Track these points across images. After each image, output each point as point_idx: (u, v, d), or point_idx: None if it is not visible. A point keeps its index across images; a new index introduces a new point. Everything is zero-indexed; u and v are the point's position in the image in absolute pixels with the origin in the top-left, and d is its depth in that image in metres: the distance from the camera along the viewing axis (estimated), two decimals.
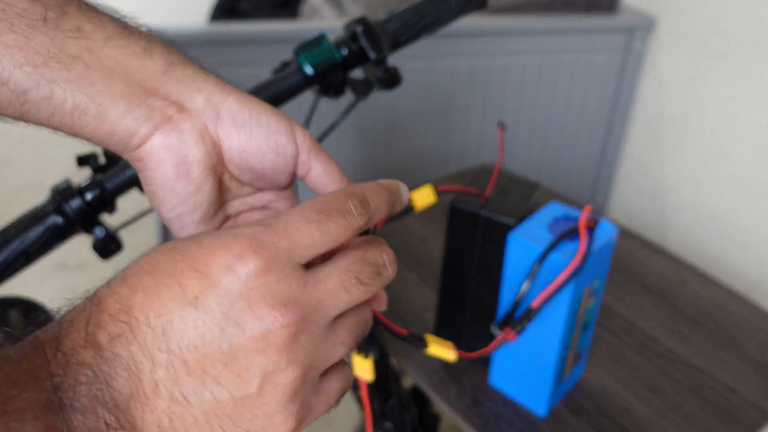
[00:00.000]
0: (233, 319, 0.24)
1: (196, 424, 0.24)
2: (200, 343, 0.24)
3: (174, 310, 0.24)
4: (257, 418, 0.25)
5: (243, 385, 0.24)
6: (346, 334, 0.27)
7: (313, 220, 0.26)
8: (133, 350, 0.24)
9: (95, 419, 0.23)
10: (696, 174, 1.49)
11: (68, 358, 0.23)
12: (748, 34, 1.30)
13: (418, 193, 0.55)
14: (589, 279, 0.63)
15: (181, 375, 0.24)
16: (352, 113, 0.63)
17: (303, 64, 0.55)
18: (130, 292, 0.24)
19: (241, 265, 0.24)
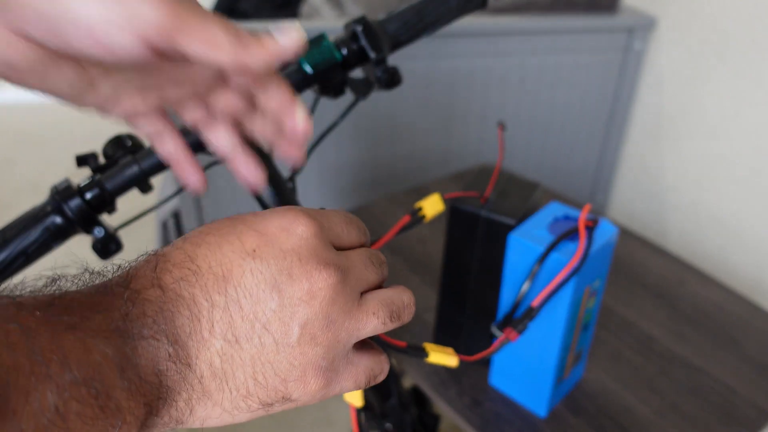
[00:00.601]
0: (285, 271, 0.27)
1: (242, 368, 0.27)
2: (255, 290, 0.27)
3: (234, 260, 0.27)
4: (294, 369, 0.28)
5: (287, 333, 0.27)
6: (377, 305, 0.30)
7: (343, 220, 0.31)
8: (195, 293, 0.27)
9: (158, 348, 0.25)
10: (696, 174, 1.49)
11: (137, 294, 0.26)
12: (748, 34, 1.30)
13: (427, 201, 0.55)
14: (589, 279, 0.63)
15: (235, 318, 0.27)
16: (352, 113, 0.63)
17: (303, 64, 0.55)
18: (194, 246, 0.28)
19: (295, 227, 0.28)
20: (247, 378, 0.27)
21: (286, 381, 0.28)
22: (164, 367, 0.26)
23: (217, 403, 0.27)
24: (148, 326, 0.25)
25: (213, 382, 0.27)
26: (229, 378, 0.27)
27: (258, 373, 0.27)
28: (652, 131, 1.58)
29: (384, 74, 0.56)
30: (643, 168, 1.64)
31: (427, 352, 0.44)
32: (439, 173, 1.49)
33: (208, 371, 0.27)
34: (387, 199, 1.10)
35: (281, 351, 0.27)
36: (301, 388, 0.29)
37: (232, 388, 0.27)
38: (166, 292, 0.26)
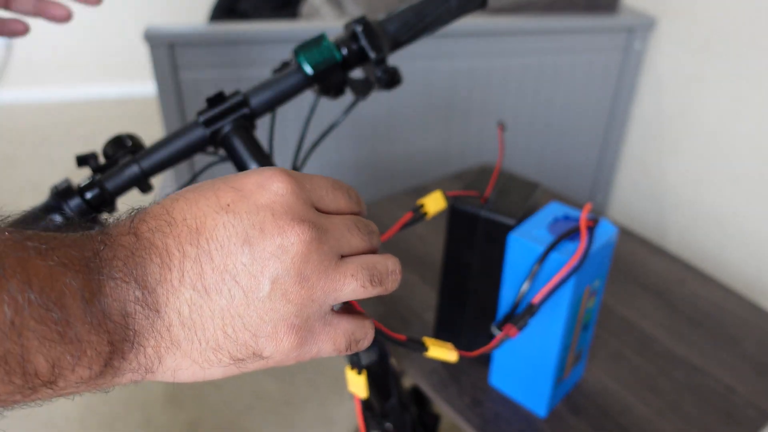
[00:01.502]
0: (258, 225, 0.28)
1: (211, 318, 0.27)
2: (226, 243, 0.27)
3: (208, 213, 0.28)
4: (264, 324, 0.28)
5: (256, 287, 0.28)
6: (357, 268, 0.30)
7: (329, 185, 0.31)
8: (168, 242, 0.27)
9: (126, 291, 0.26)
10: (695, 174, 1.49)
11: (112, 239, 0.27)
12: (748, 34, 1.30)
13: (430, 198, 0.55)
14: (589, 279, 0.63)
15: (206, 269, 0.27)
16: (352, 113, 0.63)
17: (303, 64, 0.55)
18: (172, 201, 0.29)
19: (270, 183, 0.29)
20: (216, 330, 0.28)
21: (257, 336, 0.28)
22: (132, 310, 0.26)
23: (186, 353, 0.28)
24: (118, 268, 0.26)
25: (182, 331, 0.27)
26: (198, 329, 0.27)
27: (227, 326, 0.28)
28: (652, 131, 1.58)
29: (384, 74, 0.56)
30: (643, 168, 1.64)
31: (427, 346, 0.44)
32: (439, 173, 1.49)
33: (177, 320, 0.27)
34: (387, 199, 1.10)
35: (251, 305, 0.28)
36: (273, 345, 0.28)
37: (201, 340, 0.28)
38: (140, 239, 0.27)
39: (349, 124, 1.35)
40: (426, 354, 0.44)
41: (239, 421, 1.47)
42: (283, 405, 1.51)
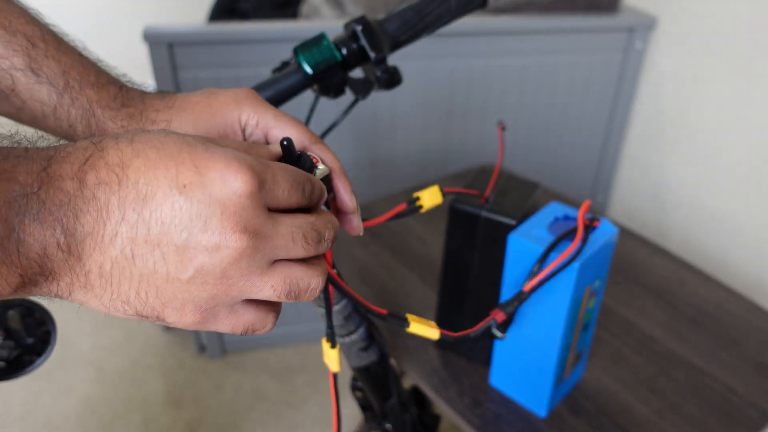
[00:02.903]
0: (203, 218, 0.28)
1: (130, 280, 0.28)
2: (168, 222, 0.28)
3: (161, 186, 0.27)
4: (175, 299, 0.29)
5: (180, 269, 0.28)
6: (280, 281, 0.31)
7: (289, 182, 0.31)
8: (112, 200, 0.27)
9: (50, 235, 0.26)
10: (696, 174, 1.49)
11: (51, 180, 0.26)
12: (748, 34, 1.30)
13: (426, 192, 0.55)
14: (589, 279, 0.62)
15: (139, 238, 0.28)
16: (352, 113, 0.63)
17: (303, 64, 0.55)
18: (133, 154, 0.28)
19: (232, 180, 0.28)
20: (130, 290, 0.29)
21: (165, 306, 0.29)
22: (52, 252, 0.27)
23: (96, 296, 0.29)
24: (47, 211, 0.26)
25: (98, 280, 0.28)
26: (114, 284, 0.28)
27: (141, 290, 0.29)
28: (653, 131, 1.58)
29: (384, 74, 0.56)
30: (643, 167, 1.64)
31: (408, 322, 0.44)
32: (439, 173, 1.49)
33: (96, 271, 0.28)
34: (387, 199, 1.10)
35: (170, 282, 0.29)
36: (176, 317, 0.30)
37: (114, 292, 0.29)
38: (83, 189, 0.27)
39: (349, 123, 1.35)
40: (407, 329, 0.44)
41: (239, 422, 1.47)
42: (283, 405, 1.51)
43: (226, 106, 0.41)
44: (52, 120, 0.43)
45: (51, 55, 0.42)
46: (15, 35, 0.41)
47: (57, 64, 0.42)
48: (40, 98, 0.42)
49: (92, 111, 0.42)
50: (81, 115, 0.42)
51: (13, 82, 0.41)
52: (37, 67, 0.41)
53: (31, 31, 0.42)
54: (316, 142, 0.41)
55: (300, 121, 0.42)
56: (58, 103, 0.42)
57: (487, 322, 0.56)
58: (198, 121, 0.41)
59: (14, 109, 0.43)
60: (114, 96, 0.43)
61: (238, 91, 0.42)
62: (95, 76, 0.43)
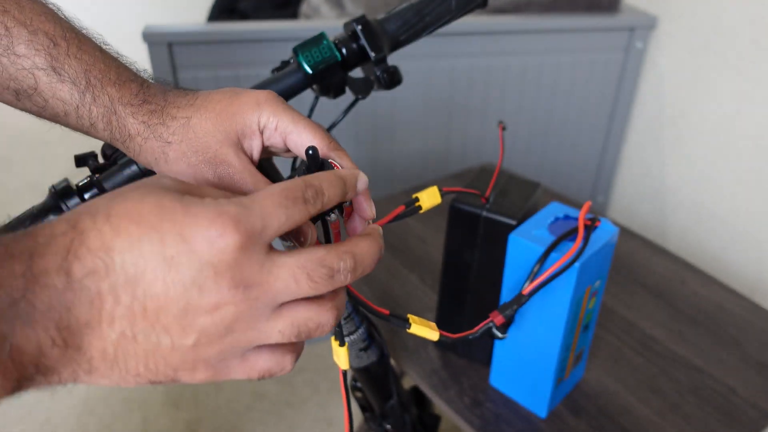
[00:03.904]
0: (197, 283, 0.27)
1: (135, 357, 0.28)
2: (162, 296, 0.27)
3: (149, 263, 0.27)
4: (185, 363, 0.29)
5: (184, 336, 0.28)
6: (287, 325, 0.30)
7: (282, 206, 0.29)
8: (102, 287, 0.26)
9: (43, 335, 0.25)
10: (696, 174, 1.48)
11: (36, 278, 0.25)
12: (748, 34, 1.30)
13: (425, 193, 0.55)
14: (589, 279, 0.62)
15: (137, 317, 0.27)
16: (352, 113, 0.63)
17: (302, 64, 0.54)
18: (113, 233, 0.27)
19: (220, 240, 0.27)
20: (138, 365, 0.28)
21: (176, 371, 0.29)
22: (47, 351, 0.26)
23: (104, 376, 0.28)
24: (37, 312, 0.25)
25: (102, 363, 0.28)
26: (120, 363, 0.28)
27: (150, 363, 0.28)
28: (653, 131, 1.58)
29: (384, 74, 0.56)
30: (643, 167, 1.64)
31: (410, 323, 0.44)
32: (439, 173, 1.49)
33: (99, 356, 0.27)
34: (387, 199, 1.10)
35: (176, 350, 0.28)
36: (189, 377, 0.30)
37: (121, 370, 0.28)
38: (71, 282, 0.26)
39: (349, 124, 1.35)
40: (408, 330, 0.44)
41: (239, 422, 1.47)
42: (282, 406, 1.51)
43: (246, 107, 0.41)
44: (74, 118, 0.43)
45: (72, 53, 0.42)
46: (36, 34, 0.41)
47: (78, 62, 0.42)
48: (62, 97, 0.42)
49: (114, 109, 0.42)
50: (102, 114, 0.42)
51: (36, 81, 0.41)
52: (59, 66, 0.41)
53: (52, 29, 0.42)
54: (335, 148, 0.40)
55: (319, 126, 0.41)
56: (80, 102, 0.42)
57: (486, 324, 0.56)
58: (218, 120, 0.41)
59: (37, 107, 0.43)
60: (136, 93, 0.43)
61: (260, 94, 0.42)
62: (116, 73, 0.43)
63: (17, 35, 0.41)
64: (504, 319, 0.56)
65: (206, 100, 0.42)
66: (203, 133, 0.41)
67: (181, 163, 0.41)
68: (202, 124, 0.41)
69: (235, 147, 0.41)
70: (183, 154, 0.41)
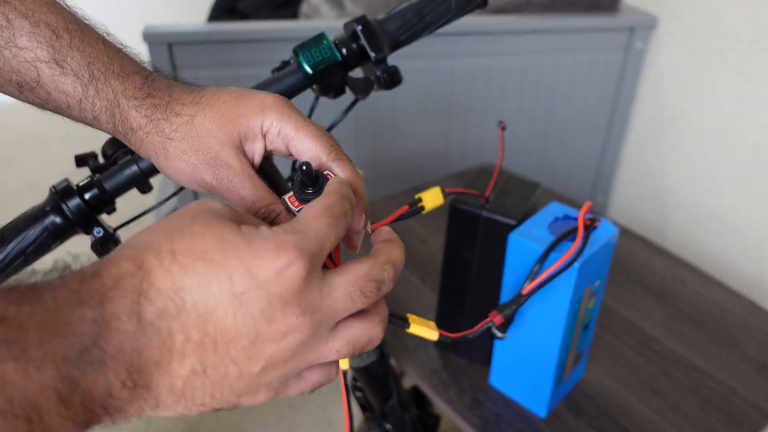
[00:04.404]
0: (266, 315, 0.28)
1: (202, 390, 0.28)
2: (233, 330, 0.27)
3: (219, 300, 0.27)
4: (249, 389, 0.29)
5: (251, 365, 0.28)
6: (343, 344, 0.31)
7: (331, 225, 0.30)
8: (174, 326, 0.27)
9: (114, 379, 0.25)
10: (696, 174, 1.48)
11: (107, 323, 0.25)
12: (748, 34, 1.30)
13: (428, 193, 0.55)
14: (589, 279, 0.62)
15: (207, 352, 0.27)
16: (352, 113, 0.63)
17: (302, 64, 0.54)
18: (182, 273, 0.27)
19: (288, 272, 0.28)
20: (205, 395, 0.28)
21: (240, 396, 0.30)
22: (116, 393, 0.26)
23: (169, 409, 0.28)
24: (109, 357, 0.25)
25: (170, 398, 0.28)
26: (187, 396, 0.28)
27: (216, 393, 0.29)
28: (653, 131, 1.58)
29: (384, 74, 0.56)
30: (643, 167, 1.64)
31: (409, 322, 0.44)
32: (440, 173, 1.49)
33: (167, 391, 0.27)
34: (387, 199, 1.10)
35: (242, 377, 0.29)
36: (251, 401, 0.30)
37: (188, 401, 0.28)
38: (143, 324, 0.26)
39: (349, 124, 1.35)
40: (408, 330, 0.44)
41: (239, 422, 1.47)
42: (282, 406, 1.51)
43: (251, 110, 0.41)
44: (77, 111, 0.42)
45: (75, 46, 0.42)
46: (38, 26, 0.41)
47: (81, 55, 0.42)
48: (65, 90, 0.41)
49: (117, 102, 0.42)
50: (105, 106, 0.42)
51: (38, 74, 0.41)
52: (61, 59, 0.41)
53: (54, 21, 0.41)
54: (335, 158, 0.39)
55: (323, 134, 0.40)
56: (83, 95, 0.41)
57: (485, 324, 0.56)
58: (221, 121, 0.41)
59: (39, 100, 0.42)
60: (140, 86, 0.42)
61: (266, 98, 0.41)
62: (120, 65, 0.42)
63: (19, 27, 0.41)
64: (503, 318, 0.56)
65: (212, 99, 0.42)
66: (206, 134, 0.41)
67: (180, 161, 0.41)
68: (205, 124, 0.41)
69: (237, 150, 0.41)
70: (183, 152, 0.41)
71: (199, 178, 0.41)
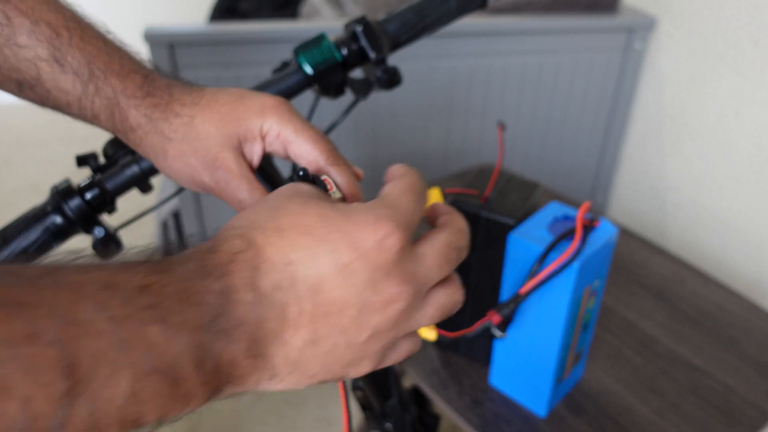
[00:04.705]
0: (371, 285, 0.29)
1: (314, 360, 0.29)
2: (341, 301, 0.29)
3: (327, 273, 0.28)
4: (354, 359, 0.31)
5: (357, 335, 0.30)
6: (435, 310, 0.32)
7: (417, 201, 0.33)
8: (288, 301, 0.28)
9: (237, 349, 0.27)
10: (696, 174, 1.49)
11: (230, 295, 0.27)
12: (748, 34, 1.30)
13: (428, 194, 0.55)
14: (589, 279, 0.62)
15: (318, 323, 0.29)
16: (352, 113, 0.63)
17: (303, 64, 0.55)
18: (290, 248, 0.29)
19: (388, 242, 0.29)
20: (316, 366, 0.30)
21: (346, 368, 0.31)
22: (240, 363, 0.27)
23: (281, 381, 0.30)
24: (234, 327, 0.27)
25: (284, 368, 0.29)
26: (301, 367, 0.29)
27: (326, 363, 0.30)
28: (653, 131, 1.58)
29: (384, 74, 0.56)
30: (643, 168, 1.64)
31: None
32: (439, 173, 1.49)
33: (283, 362, 0.29)
34: None
35: (350, 348, 0.30)
36: (355, 372, 0.32)
37: (299, 373, 0.30)
38: (260, 297, 0.27)
39: (349, 124, 1.35)
40: None
41: (239, 422, 1.47)
42: (283, 405, 1.51)
43: (251, 112, 0.41)
44: (77, 109, 0.43)
45: (75, 44, 0.42)
46: (38, 24, 0.41)
47: (81, 53, 0.42)
48: (64, 88, 0.42)
49: (116, 100, 0.42)
50: (105, 105, 0.42)
51: (38, 72, 0.41)
52: (61, 57, 0.41)
53: (54, 19, 0.42)
54: (333, 162, 0.40)
55: (322, 138, 0.41)
56: (83, 93, 0.42)
57: (483, 323, 0.56)
58: (221, 123, 0.41)
59: (39, 98, 0.43)
60: (140, 85, 0.42)
61: (267, 100, 0.41)
62: (120, 64, 0.43)
63: (19, 25, 0.41)
64: (501, 318, 0.57)
65: (212, 100, 0.42)
66: (205, 135, 0.41)
67: (179, 161, 0.41)
68: (204, 125, 0.41)
69: (236, 152, 0.41)
70: (182, 153, 0.41)
71: (197, 179, 0.41)
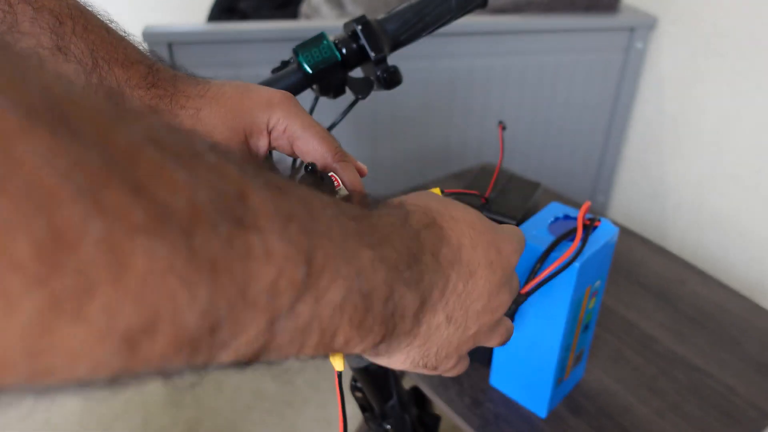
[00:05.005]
0: (499, 284, 0.33)
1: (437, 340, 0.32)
2: (479, 291, 0.32)
3: (480, 264, 0.32)
4: (453, 352, 0.33)
5: (468, 328, 0.33)
6: (504, 332, 0.37)
7: None
8: (452, 275, 0.31)
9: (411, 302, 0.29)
10: (697, 174, 1.48)
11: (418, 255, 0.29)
12: (748, 34, 1.30)
13: None
14: (590, 279, 0.62)
15: (458, 306, 0.32)
16: (352, 113, 0.63)
17: (302, 64, 0.54)
18: (460, 234, 0.32)
19: (514, 257, 0.35)
20: (433, 347, 0.32)
21: (446, 358, 0.33)
22: (407, 317, 0.29)
23: (404, 353, 0.32)
24: (417, 282, 0.29)
25: (420, 340, 0.31)
26: (428, 343, 0.32)
27: (440, 349, 0.32)
28: (653, 131, 1.58)
29: (384, 74, 0.56)
30: (643, 167, 1.64)
31: None
32: (440, 173, 1.49)
33: (424, 332, 0.31)
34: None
35: (460, 338, 0.33)
36: (445, 365, 0.34)
37: (423, 349, 0.32)
38: (438, 266, 0.30)
39: (348, 124, 1.35)
40: None
41: (239, 422, 1.47)
42: (283, 405, 1.51)
43: (258, 106, 0.41)
44: None
45: (78, 33, 0.41)
46: (41, 12, 0.40)
47: (84, 42, 0.41)
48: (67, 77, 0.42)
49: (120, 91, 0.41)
50: None
51: None
52: (64, 46, 0.41)
53: (57, 7, 0.41)
54: (340, 159, 0.41)
55: (328, 135, 0.41)
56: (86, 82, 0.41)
57: None
58: (227, 115, 0.41)
59: None
60: (144, 75, 0.42)
61: (273, 94, 0.41)
62: (124, 54, 0.42)
63: (22, 12, 0.40)
64: None
65: (218, 93, 0.42)
66: (211, 128, 0.40)
67: None
68: (210, 118, 0.41)
69: (242, 146, 0.41)
70: None
71: None
